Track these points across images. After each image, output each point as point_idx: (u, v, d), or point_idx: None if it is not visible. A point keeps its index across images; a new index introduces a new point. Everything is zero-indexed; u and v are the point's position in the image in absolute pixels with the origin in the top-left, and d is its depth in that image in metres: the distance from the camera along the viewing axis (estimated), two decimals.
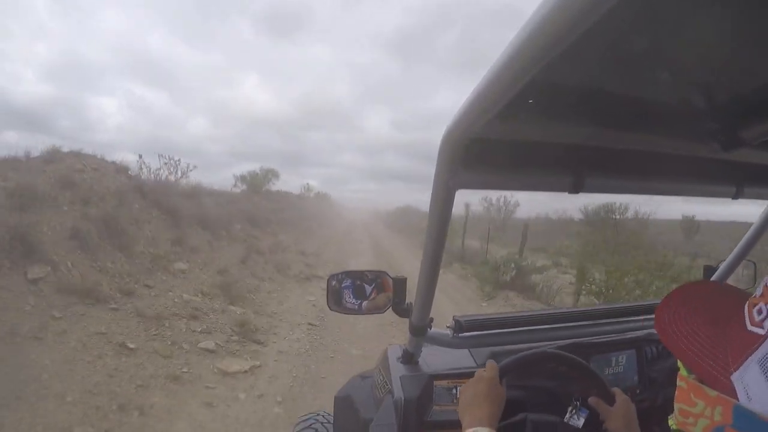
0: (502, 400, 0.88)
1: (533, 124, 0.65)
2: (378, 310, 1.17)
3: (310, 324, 5.56)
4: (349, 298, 1.17)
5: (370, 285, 1.17)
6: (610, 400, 0.99)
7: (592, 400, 1.00)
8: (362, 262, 10.96)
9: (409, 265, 10.16)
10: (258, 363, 4.20)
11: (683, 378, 0.63)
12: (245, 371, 4.00)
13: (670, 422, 0.72)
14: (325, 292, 1.23)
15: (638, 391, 1.24)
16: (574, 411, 1.01)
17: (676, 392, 0.64)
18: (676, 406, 0.65)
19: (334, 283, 1.18)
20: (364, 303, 1.17)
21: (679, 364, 0.64)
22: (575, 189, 0.78)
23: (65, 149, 7.95)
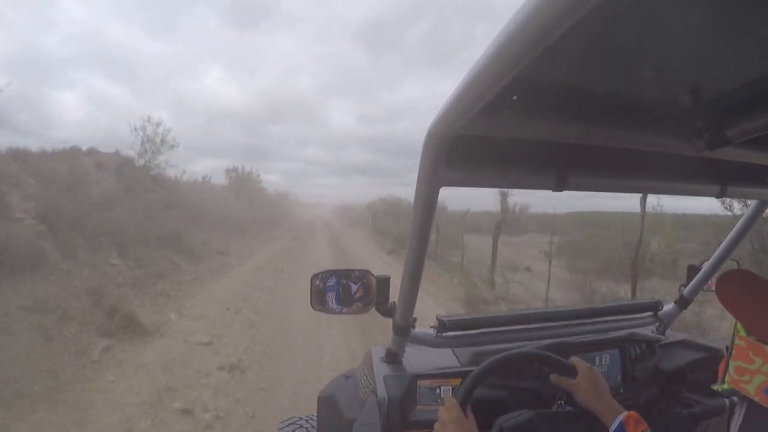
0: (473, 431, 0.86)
1: (517, 121, 0.64)
2: (361, 309, 1.15)
3: None
4: (332, 298, 1.15)
5: (355, 284, 1.16)
6: (572, 373, 0.98)
7: (553, 377, 0.99)
8: None
9: None
10: None
11: (742, 338, 0.75)
12: None
13: (716, 387, 0.84)
14: None
15: (621, 390, 1.25)
16: (558, 409, 1.01)
17: (734, 352, 0.76)
18: (732, 364, 0.77)
19: (317, 282, 1.16)
20: (348, 302, 1.16)
21: (738, 326, 0.76)
22: (559, 187, 0.78)
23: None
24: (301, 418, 1.72)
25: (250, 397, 3.65)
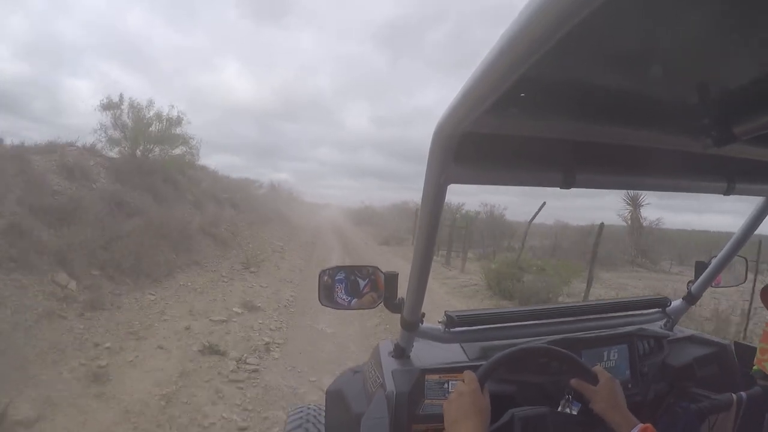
0: (486, 409, 0.88)
1: (525, 118, 0.64)
2: (370, 305, 1.17)
3: None
4: (340, 293, 1.16)
5: (363, 280, 1.17)
6: (593, 380, 0.99)
7: (574, 382, 1.00)
8: None
9: None
10: None
11: None
12: None
13: (755, 368, 0.93)
14: None
15: (630, 386, 1.25)
16: (566, 404, 1.01)
17: (762, 336, 0.86)
18: (759, 346, 0.86)
19: (326, 278, 1.17)
20: (356, 298, 1.17)
21: None
22: (566, 184, 0.78)
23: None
24: (309, 410, 1.73)
25: None
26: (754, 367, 0.87)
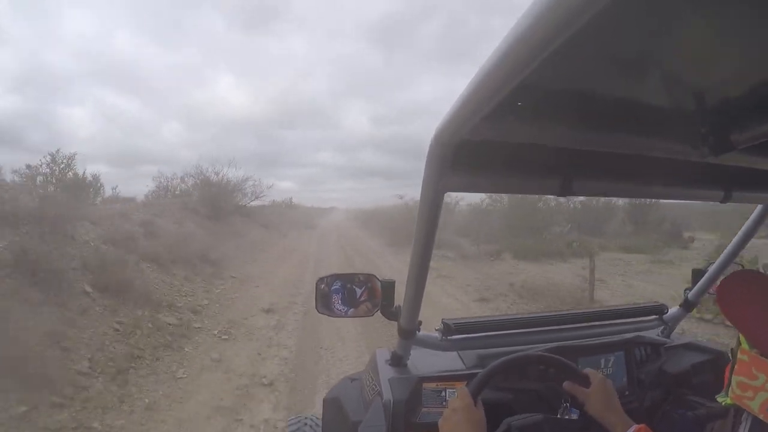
0: (482, 422, 0.87)
1: (522, 126, 0.64)
2: (367, 313, 1.16)
3: None
4: (337, 302, 1.16)
5: (360, 288, 1.16)
6: (585, 382, 0.98)
7: (566, 385, 1.00)
8: None
9: None
10: None
11: (745, 352, 0.69)
12: None
13: (720, 399, 0.77)
14: None
15: (627, 393, 1.25)
16: (564, 412, 1.01)
17: (736, 366, 0.70)
18: (734, 379, 0.71)
19: (323, 286, 1.16)
20: (353, 306, 1.16)
21: (741, 338, 0.70)
22: (564, 192, 0.78)
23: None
24: (306, 420, 1.72)
25: None
26: (728, 399, 0.72)
